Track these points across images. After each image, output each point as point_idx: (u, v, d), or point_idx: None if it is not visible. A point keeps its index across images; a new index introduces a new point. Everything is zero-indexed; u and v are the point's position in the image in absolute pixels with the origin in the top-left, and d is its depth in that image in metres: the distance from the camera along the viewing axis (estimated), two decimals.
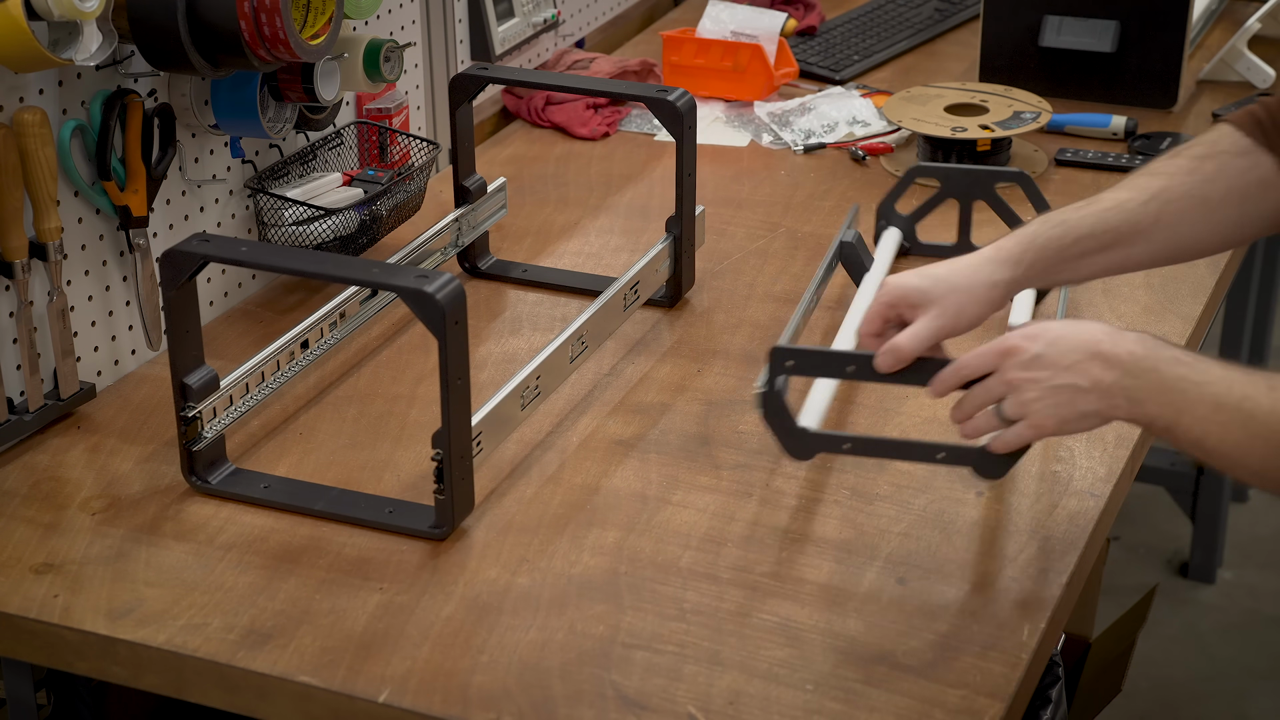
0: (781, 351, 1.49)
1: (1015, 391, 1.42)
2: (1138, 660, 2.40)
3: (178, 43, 1.66)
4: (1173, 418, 1.37)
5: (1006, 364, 1.42)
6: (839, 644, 1.41)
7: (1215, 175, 1.52)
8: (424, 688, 1.38)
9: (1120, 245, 1.52)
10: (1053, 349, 1.41)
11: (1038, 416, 1.42)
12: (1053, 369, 1.40)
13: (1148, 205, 1.52)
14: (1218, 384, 1.35)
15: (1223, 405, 1.34)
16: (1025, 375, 1.41)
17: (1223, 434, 1.34)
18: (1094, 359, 1.39)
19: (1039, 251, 1.52)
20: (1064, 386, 1.40)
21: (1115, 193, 1.54)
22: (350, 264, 1.59)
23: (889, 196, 2.00)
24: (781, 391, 1.49)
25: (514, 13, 2.53)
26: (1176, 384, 1.37)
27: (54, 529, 1.59)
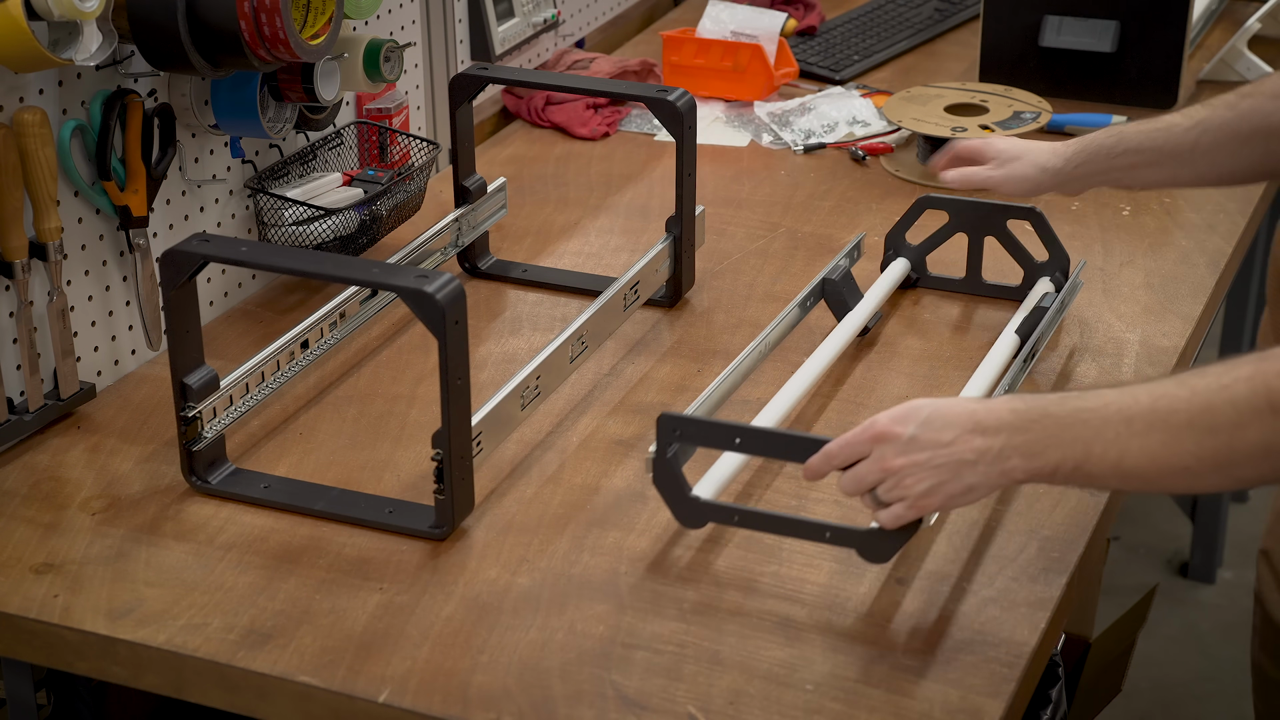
0: (669, 420, 1.46)
1: (893, 476, 1.37)
2: (1138, 660, 2.40)
3: (178, 43, 1.66)
4: (1081, 453, 1.30)
5: (880, 450, 1.37)
6: (839, 644, 1.41)
7: (1249, 112, 1.66)
8: (424, 688, 1.38)
9: (1165, 163, 1.70)
10: (927, 429, 1.35)
11: (920, 499, 1.36)
12: (931, 449, 1.35)
13: (1190, 131, 1.69)
14: (1120, 400, 1.30)
15: (1134, 416, 1.28)
16: (903, 460, 1.36)
17: (1143, 444, 1.28)
18: (973, 432, 1.34)
19: (1091, 153, 1.75)
20: (946, 464, 1.34)
21: (1169, 116, 1.72)
22: (350, 264, 1.59)
23: (898, 226, 1.96)
24: (674, 459, 1.47)
25: (514, 13, 2.53)
26: (1075, 416, 1.31)
27: (54, 529, 1.59)
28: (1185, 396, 1.27)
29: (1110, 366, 1.83)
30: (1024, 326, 1.78)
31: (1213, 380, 1.26)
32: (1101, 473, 1.30)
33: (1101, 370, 1.82)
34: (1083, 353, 1.86)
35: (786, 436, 1.47)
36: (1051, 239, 1.89)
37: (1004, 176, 1.81)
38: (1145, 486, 1.31)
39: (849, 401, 1.77)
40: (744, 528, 1.49)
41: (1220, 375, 1.26)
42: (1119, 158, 1.73)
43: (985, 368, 1.72)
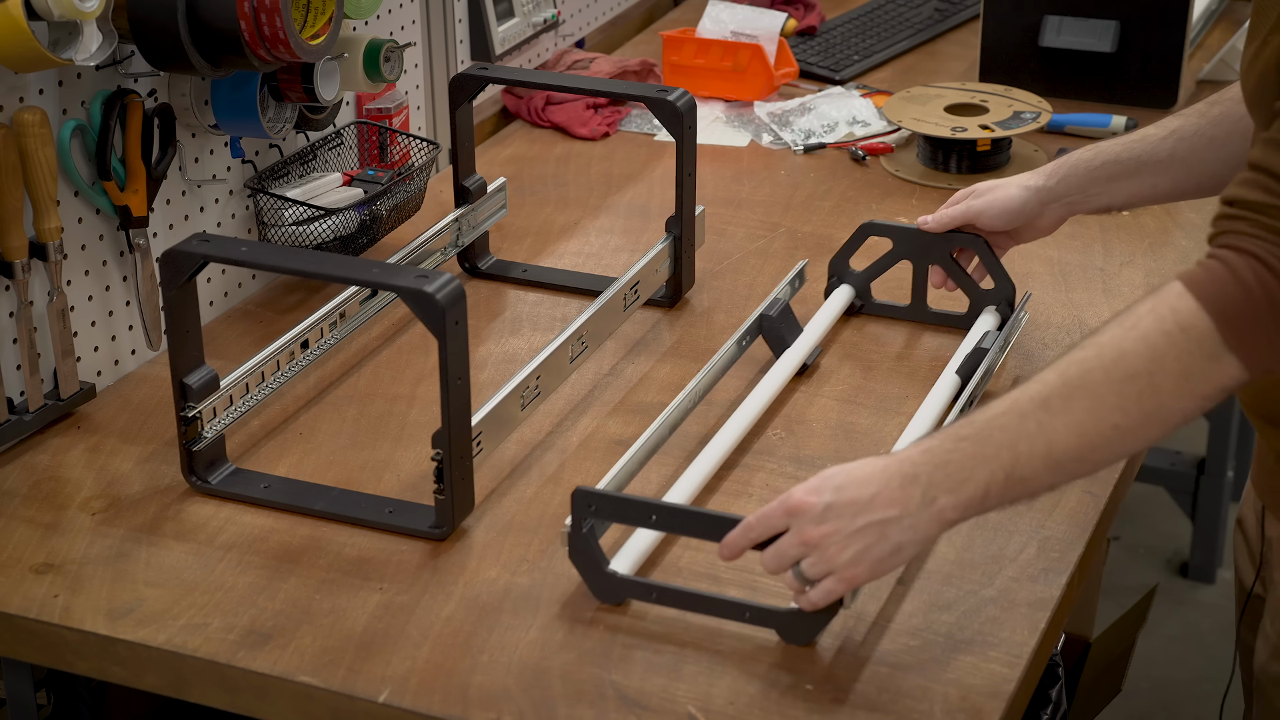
0: (584, 495, 1.43)
1: (815, 550, 1.33)
2: (1138, 660, 2.40)
3: (178, 43, 1.66)
4: (1009, 459, 1.27)
5: (798, 523, 1.33)
6: (839, 644, 1.41)
7: (1220, 118, 1.67)
8: (424, 688, 1.38)
9: (1142, 173, 1.71)
10: (842, 493, 1.31)
11: (847, 569, 1.32)
12: (850, 513, 1.31)
13: (1165, 140, 1.70)
14: (1027, 391, 1.28)
15: (1048, 397, 1.26)
16: (821, 530, 1.32)
17: (1066, 421, 1.25)
18: (889, 483, 1.30)
19: (1070, 168, 1.75)
20: (867, 526, 1.30)
21: (1143, 129, 1.73)
22: (350, 264, 1.59)
23: (841, 253, 1.92)
24: (590, 534, 1.44)
25: (514, 13, 2.53)
26: (990, 426, 1.28)
27: (54, 529, 1.59)
28: (1094, 355, 1.26)
29: None
30: (964, 366, 1.74)
31: (1115, 330, 1.27)
32: (1033, 471, 1.27)
33: None
34: None
35: (701, 515, 1.43)
36: (996, 268, 1.84)
37: (986, 203, 1.79)
38: (1079, 468, 1.28)
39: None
40: (662, 604, 1.45)
41: (1122, 322, 1.27)
42: (1098, 169, 1.73)
43: (923, 413, 1.68)
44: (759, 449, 1.69)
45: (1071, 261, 2.06)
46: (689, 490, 1.58)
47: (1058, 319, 1.93)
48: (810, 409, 1.76)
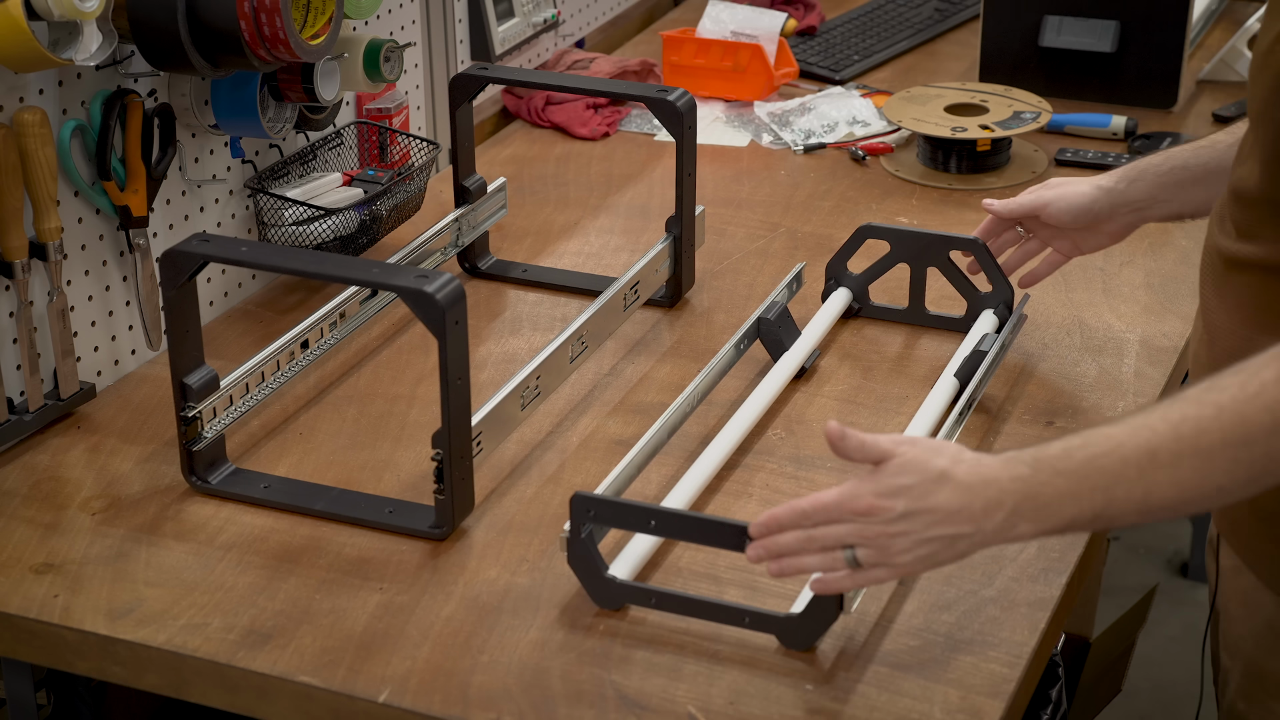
0: (583, 500, 1.43)
1: (877, 544, 1.28)
2: (1138, 660, 2.40)
3: (178, 43, 1.66)
4: (1101, 501, 1.23)
5: (862, 523, 1.28)
6: (839, 643, 1.41)
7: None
8: (424, 688, 1.38)
9: (1211, 180, 1.62)
10: (921, 502, 1.26)
11: (902, 565, 1.28)
12: (924, 523, 1.26)
13: (1232, 147, 1.58)
14: (1134, 437, 1.23)
15: (1156, 449, 1.22)
16: (889, 530, 1.27)
17: (1171, 475, 1.21)
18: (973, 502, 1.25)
19: (1140, 172, 1.69)
20: (939, 537, 1.26)
21: (1216, 134, 1.66)
22: (350, 264, 1.59)
23: (838, 255, 1.91)
24: (588, 539, 1.44)
25: (514, 13, 2.53)
26: (1089, 467, 1.23)
27: (54, 529, 1.59)
28: (1211, 415, 1.21)
29: (1110, 366, 1.83)
30: (963, 369, 1.74)
31: (1237, 391, 1.21)
32: (1123, 514, 1.24)
33: (1101, 369, 1.82)
34: (1083, 352, 1.86)
35: (701, 521, 1.43)
36: (994, 271, 1.84)
37: (1056, 195, 1.75)
38: (1171, 515, 1.25)
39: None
40: (661, 610, 1.44)
41: (1244, 385, 1.21)
42: (1166, 175, 1.68)
43: (922, 415, 1.68)
44: (759, 449, 1.69)
45: (1072, 261, 2.06)
46: (690, 491, 1.58)
47: (1058, 319, 1.93)
48: (810, 409, 1.76)
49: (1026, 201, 1.78)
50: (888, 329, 1.92)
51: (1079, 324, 1.92)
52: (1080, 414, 1.75)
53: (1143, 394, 1.78)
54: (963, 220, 2.18)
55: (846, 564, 1.30)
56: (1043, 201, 1.77)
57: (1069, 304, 1.96)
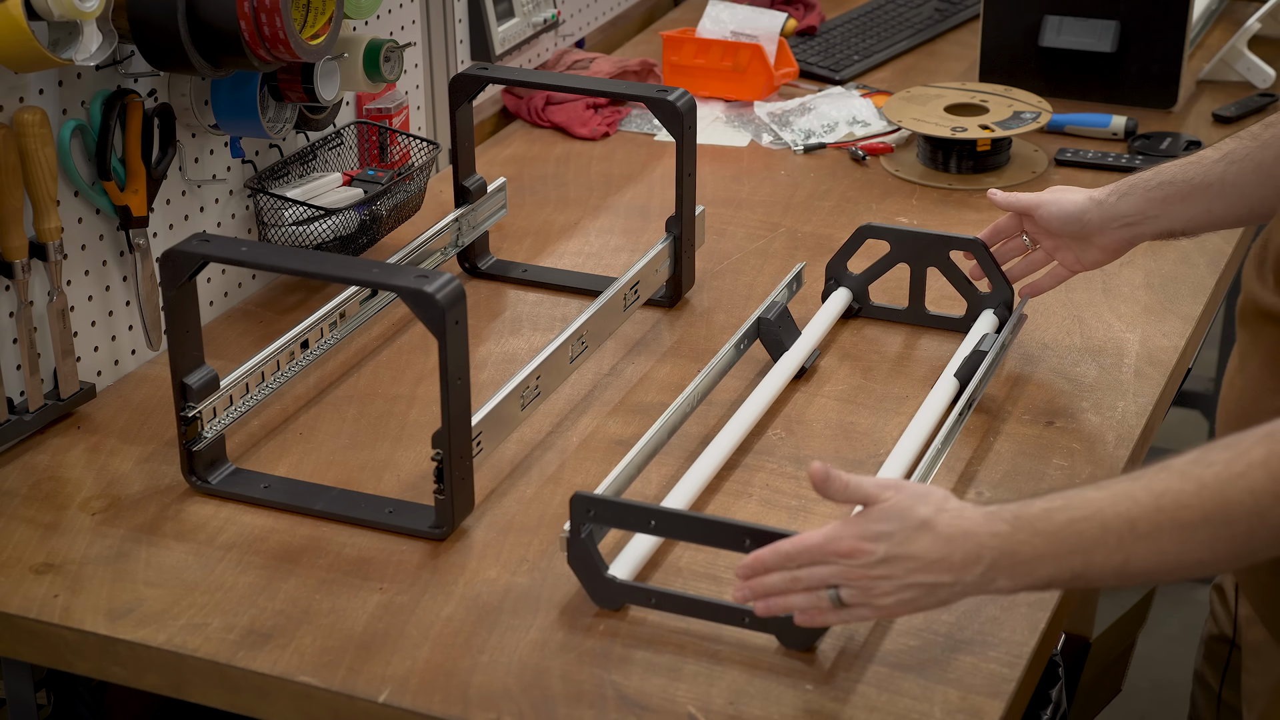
0: (583, 499, 1.42)
1: (860, 587, 1.30)
2: (1138, 660, 2.39)
3: (178, 43, 1.66)
4: (1080, 564, 1.24)
5: (845, 564, 1.30)
6: (839, 643, 1.41)
7: (1271, 141, 1.62)
8: (424, 688, 1.38)
9: (1198, 197, 1.66)
10: (902, 549, 1.28)
11: (884, 607, 1.30)
12: (904, 569, 1.28)
13: (1218, 163, 1.65)
14: (1115, 505, 1.23)
15: (1136, 519, 1.22)
16: (874, 573, 1.29)
17: (1151, 547, 1.22)
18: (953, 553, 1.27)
19: (1130, 187, 1.71)
20: (920, 584, 1.28)
21: (1202, 150, 1.69)
22: (350, 264, 1.59)
23: (839, 255, 1.91)
24: (588, 539, 1.44)
25: (514, 13, 2.53)
26: (1069, 529, 1.24)
27: (54, 529, 1.59)
28: (1193, 491, 1.21)
29: (1110, 366, 1.83)
30: (963, 370, 1.74)
31: (1222, 469, 1.20)
32: (1101, 577, 1.24)
33: (1101, 369, 1.82)
34: (1083, 352, 1.86)
35: (701, 521, 1.43)
36: (994, 271, 1.84)
37: (1050, 198, 1.76)
38: (1145, 581, 1.26)
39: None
40: (660, 610, 1.44)
41: (1229, 463, 1.20)
42: (1154, 190, 1.69)
43: (922, 417, 1.68)
44: (759, 449, 1.69)
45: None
46: (690, 491, 1.58)
47: (1058, 319, 1.93)
48: (810, 409, 1.76)
49: (1024, 200, 1.79)
50: (887, 329, 1.92)
51: (1079, 324, 1.92)
52: (1080, 414, 1.75)
53: (1143, 394, 1.78)
54: (963, 220, 2.18)
55: (830, 603, 1.32)
56: (1036, 202, 1.78)
57: (1069, 304, 1.96)
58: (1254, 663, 1.54)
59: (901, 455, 1.61)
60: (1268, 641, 1.49)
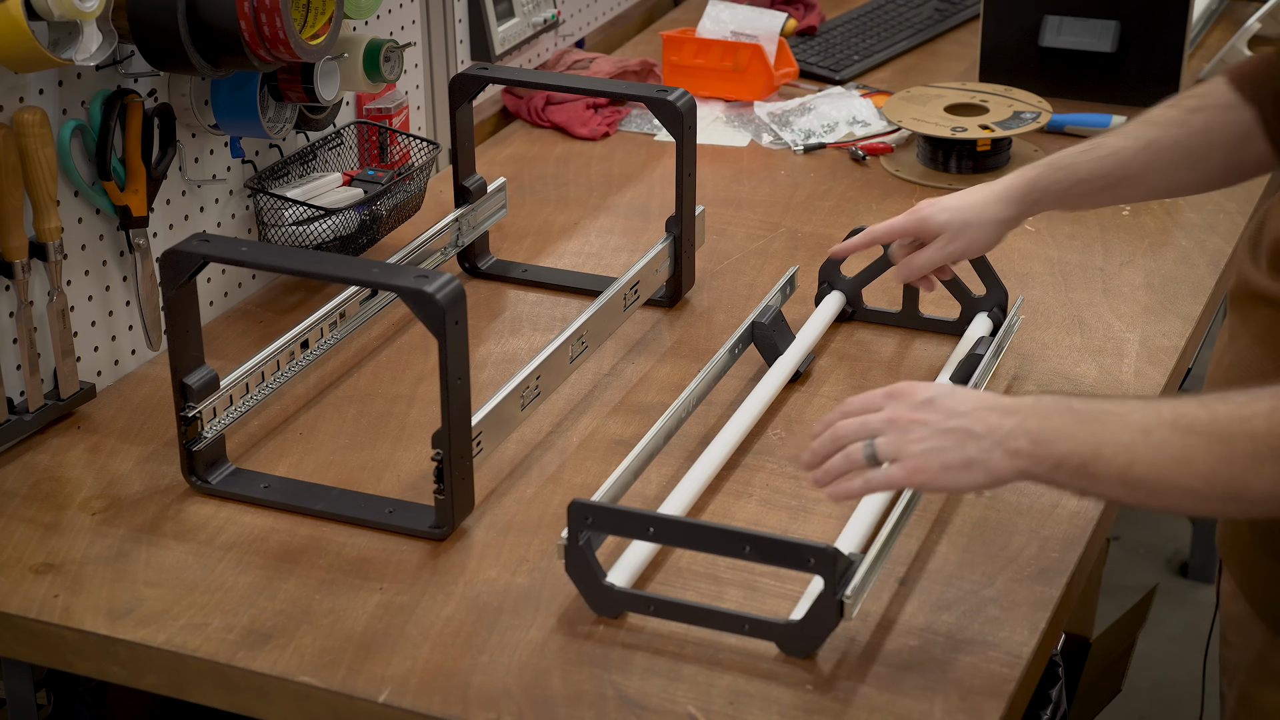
0: (580, 507, 1.42)
1: (898, 430, 1.34)
2: (1138, 660, 2.40)
3: (178, 43, 1.66)
4: (1090, 451, 1.27)
5: (893, 403, 1.36)
6: (839, 644, 1.41)
7: (1202, 128, 1.62)
8: (424, 688, 1.38)
9: (1116, 187, 1.68)
10: (948, 397, 1.34)
11: (916, 459, 1.32)
12: (945, 413, 1.33)
13: (1140, 154, 1.65)
14: (1142, 411, 1.27)
15: (1151, 427, 1.26)
16: (912, 415, 1.33)
17: (1155, 456, 1.25)
18: (991, 409, 1.31)
19: (1042, 193, 1.70)
20: (954, 430, 1.31)
21: (1115, 139, 1.67)
22: (350, 264, 1.59)
23: (832, 258, 1.90)
24: (586, 546, 1.43)
25: (514, 13, 2.53)
26: (1095, 415, 1.28)
27: (54, 529, 1.59)
28: (1205, 420, 1.24)
29: (1110, 366, 1.83)
30: (958, 374, 1.74)
31: (1234, 409, 1.24)
32: (1106, 476, 1.27)
33: (1101, 369, 1.82)
34: (1083, 352, 1.86)
35: (700, 527, 1.43)
36: (989, 274, 1.84)
37: (963, 247, 1.74)
38: (1148, 500, 1.28)
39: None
40: (659, 617, 1.44)
41: (1242, 405, 1.24)
42: (1070, 190, 1.69)
43: None
44: (759, 449, 1.69)
45: (1071, 261, 2.06)
46: (690, 492, 1.58)
47: (1057, 319, 1.93)
48: (809, 409, 1.76)
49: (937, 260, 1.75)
50: (882, 332, 1.92)
51: (1079, 324, 1.92)
52: None
53: (1143, 394, 1.78)
54: None
55: (865, 458, 1.34)
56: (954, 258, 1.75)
57: (1069, 304, 1.96)
58: (1235, 636, 1.54)
59: None
60: (1248, 615, 1.50)
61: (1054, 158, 1.71)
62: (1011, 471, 1.30)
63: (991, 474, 1.31)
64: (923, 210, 1.75)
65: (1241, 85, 1.61)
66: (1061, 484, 1.30)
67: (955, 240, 1.73)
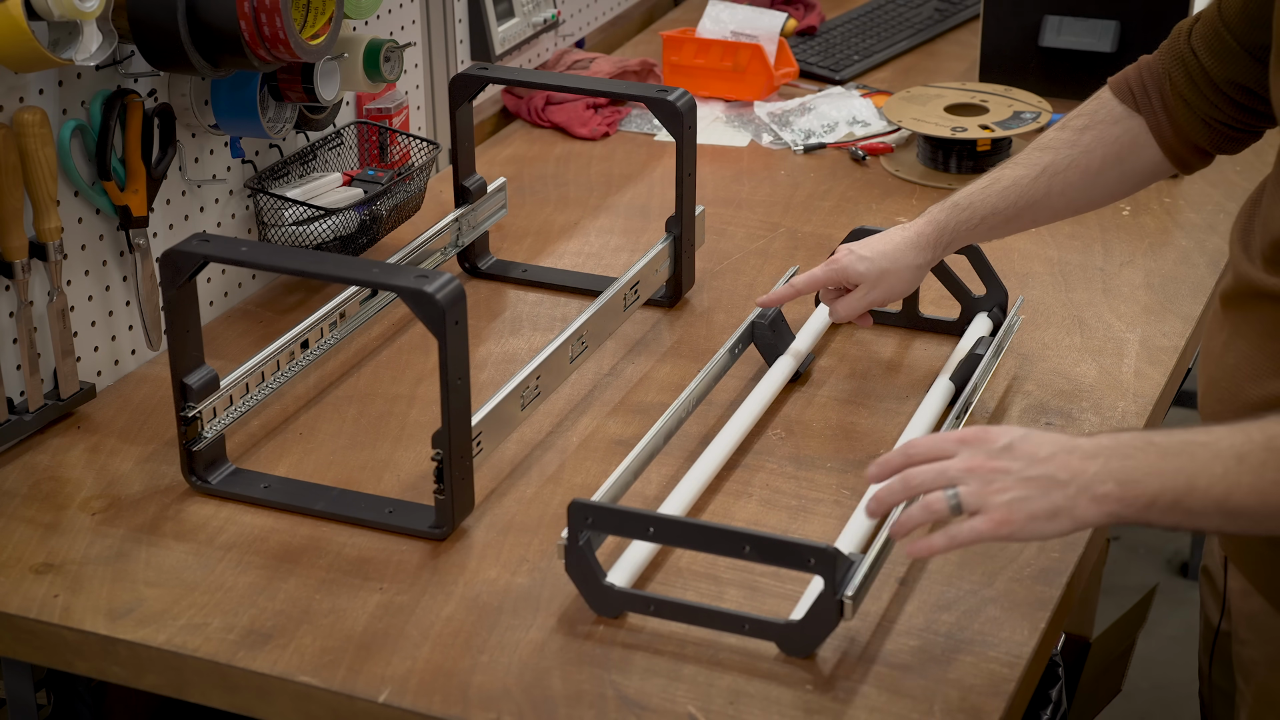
0: (580, 507, 1.42)
1: (979, 479, 1.29)
2: (1138, 660, 2.40)
3: (178, 43, 1.66)
4: (1184, 484, 1.24)
5: (971, 450, 1.30)
6: (839, 643, 1.41)
7: (1093, 145, 1.67)
8: (424, 688, 1.38)
9: (1020, 216, 1.71)
10: (1025, 441, 1.29)
11: (1002, 510, 1.27)
12: (1026, 459, 1.28)
13: (1038, 180, 1.69)
14: (1231, 437, 1.25)
15: (1247, 453, 1.23)
16: (993, 464, 1.28)
17: (1255, 481, 1.22)
18: (1072, 452, 1.27)
19: (951, 234, 1.74)
20: (1038, 478, 1.27)
21: (1012, 169, 1.72)
22: (350, 264, 1.59)
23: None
24: (586, 546, 1.43)
25: (514, 13, 2.53)
26: (1181, 448, 1.26)
27: (54, 529, 1.59)
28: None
29: (1110, 366, 1.83)
30: (958, 374, 1.74)
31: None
32: (1204, 508, 1.24)
33: (1101, 369, 1.82)
34: (1083, 352, 1.86)
35: (700, 527, 1.42)
36: (989, 274, 1.85)
37: (884, 294, 1.75)
38: (1252, 526, 1.26)
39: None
40: (659, 617, 1.44)
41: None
42: (978, 225, 1.72)
43: (919, 418, 1.68)
44: (759, 449, 1.69)
45: (1071, 261, 2.06)
46: (690, 492, 1.58)
47: (1057, 319, 1.93)
48: (809, 410, 1.76)
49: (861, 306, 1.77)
50: (882, 332, 1.92)
51: (1079, 324, 1.92)
52: (1080, 414, 1.75)
53: (1142, 394, 1.78)
54: None
55: (949, 508, 1.29)
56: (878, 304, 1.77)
57: (1069, 304, 1.96)
58: (1250, 634, 1.54)
59: None
60: (1266, 611, 1.49)
61: (957, 197, 1.74)
62: (1100, 516, 1.27)
63: (1078, 520, 1.27)
64: (841, 260, 1.75)
65: (1126, 97, 1.65)
66: (1154, 522, 1.27)
67: (875, 288, 1.74)
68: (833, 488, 1.63)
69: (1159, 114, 1.62)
